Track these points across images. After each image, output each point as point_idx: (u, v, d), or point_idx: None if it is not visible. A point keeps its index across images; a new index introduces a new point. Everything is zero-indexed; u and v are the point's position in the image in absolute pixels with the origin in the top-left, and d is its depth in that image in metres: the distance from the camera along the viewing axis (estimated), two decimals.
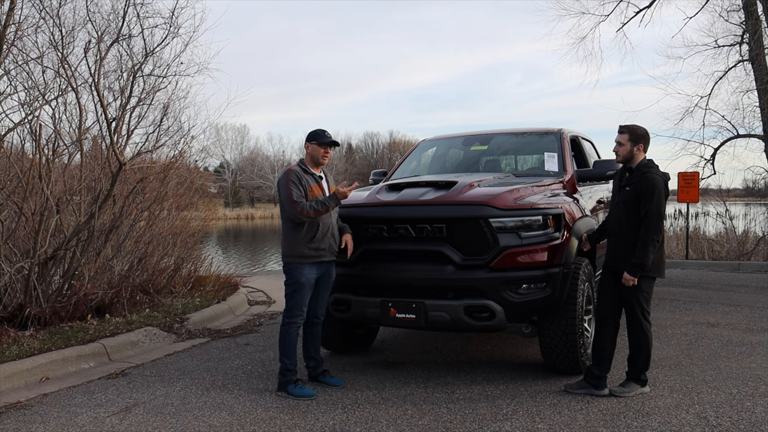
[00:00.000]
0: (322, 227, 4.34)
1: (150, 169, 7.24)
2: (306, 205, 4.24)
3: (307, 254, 4.33)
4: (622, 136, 4.20)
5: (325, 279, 4.48)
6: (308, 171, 4.45)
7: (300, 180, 4.34)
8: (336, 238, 4.46)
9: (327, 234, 4.36)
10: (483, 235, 4.25)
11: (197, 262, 8.95)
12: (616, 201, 4.28)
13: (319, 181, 4.46)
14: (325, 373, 4.61)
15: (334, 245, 4.44)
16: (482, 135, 6.61)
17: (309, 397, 4.28)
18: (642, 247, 4.00)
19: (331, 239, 4.40)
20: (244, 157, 76.36)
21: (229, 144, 74.65)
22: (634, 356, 4.19)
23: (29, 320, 5.75)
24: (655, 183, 4.02)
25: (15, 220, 6.11)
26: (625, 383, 4.20)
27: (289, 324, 4.41)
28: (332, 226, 4.42)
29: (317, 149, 4.44)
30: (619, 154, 4.23)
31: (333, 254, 4.44)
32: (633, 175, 4.17)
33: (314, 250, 4.34)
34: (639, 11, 13.47)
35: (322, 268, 4.42)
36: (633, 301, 4.12)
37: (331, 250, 4.41)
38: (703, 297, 8.04)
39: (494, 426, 3.68)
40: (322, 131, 4.50)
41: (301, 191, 4.29)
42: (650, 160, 4.20)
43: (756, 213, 16.01)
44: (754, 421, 3.65)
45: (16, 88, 6.11)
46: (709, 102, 13.00)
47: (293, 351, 4.42)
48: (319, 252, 4.35)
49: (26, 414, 4.07)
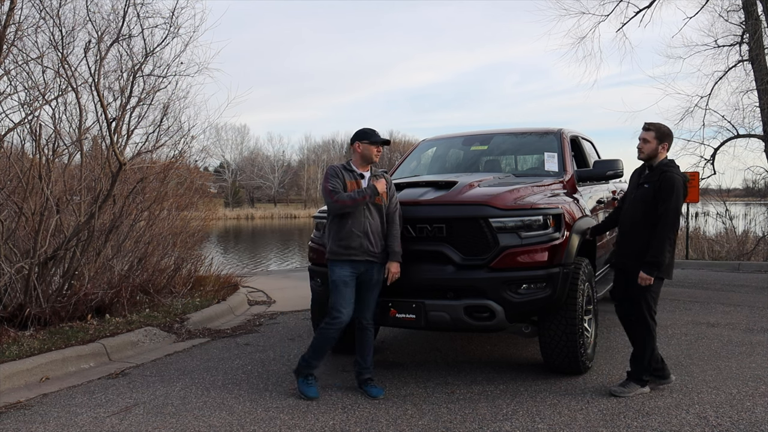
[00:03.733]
0: (352, 224, 4.23)
1: (150, 169, 7.23)
2: (344, 195, 4.20)
3: (336, 251, 4.27)
4: (648, 134, 4.15)
5: (366, 280, 4.31)
6: (349, 168, 4.41)
7: (337, 174, 4.33)
8: (373, 240, 4.26)
9: (358, 232, 4.23)
10: (483, 235, 4.25)
11: (197, 262, 8.94)
12: (632, 198, 4.25)
13: (358, 179, 4.36)
14: (367, 382, 4.39)
15: (369, 246, 4.24)
16: (482, 135, 6.61)
17: (308, 397, 4.26)
18: (658, 246, 3.97)
19: (363, 239, 4.23)
20: (244, 157, 76.44)
21: (229, 144, 74.76)
22: (638, 356, 4.18)
23: (29, 320, 5.75)
24: (675, 182, 3.98)
25: (15, 220, 6.11)
26: (626, 383, 4.20)
27: (330, 323, 4.26)
28: (367, 226, 4.25)
29: (370, 148, 4.38)
30: (643, 151, 4.18)
31: (368, 254, 4.25)
32: (653, 172, 4.13)
33: (343, 248, 4.24)
34: (639, 11, 13.49)
35: (357, 268, 4.26)
36: (641, 300, 4.12)
37: (363, 250, 4.23)
38: (703, 297, 8.04)
39: (494, 426, 3.68)
40: (371, 130, 4.45)
41: (337, 183, 4.27)
42: (671, 160, 4.17)
43: (756, 213, 16.02)
44: (754, 421, 3.65)
45: (16, 88, 6.11)
46: (709, 102, 13.02)
47: (319, 350, 4.33)
48: (349, 251, 4.23)
49: (26, 414, 4.07)
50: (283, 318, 7.18)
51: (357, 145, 4.42)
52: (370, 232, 4.27)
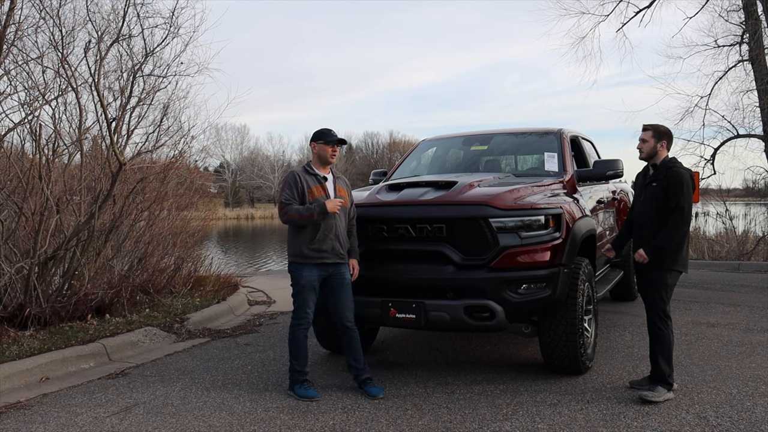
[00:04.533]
0: (324, 228, 4.27)
1: (150, 169, 7.24)
2: (293, 209, 4.24)
3: (307, 255, 4.28)
4: (646, 134, 4.27)
5: (336, 281, 4.36)
6: (311, 172, 4.42)
7: (297, 182, 4.32)
8: (342, 241, 4.36)
9: (329, 235, 4.29)
10: (483, 235, 4.24)
11: (197, 262, 8.94)
12: (642, 198, 4.32)
13: (322, 182, 4.40)
14: (367, 381, 4.40)
15: (339, 247, 4.33)
16: (482, 135, 6.61)
17: (310, 398, 4.26)
18: (668, 234, 4.04)
19: (334, 241, 4.30)
20: (244, 157, 76.37)
21: (229, 144, 74.69)
22: (655, 352, 4.15)
23: (29, 320, 5.75)
24: (683, 177, 4.08)
25: (15, 220, 6.11)
26: (653, 386, 4.10)
27: (296, 326, 4.38)
28: (337, 228, 4.32)
29: (325, 148, 4.42)
30: (642, 151, 4.29)
31: (338, 256, 4.33)
32: (658, 171, 4.21)
33: (315, 251, 4.27)
34: (639, 11, 13.48)
35: (326, 270, 4.32)
36: (655, 294, 4.14)
37: (334, 252, 4.31)
38: (703, 297, 8.04)
39: (494, 426, 3.67)
40: (327, 130, 4.48)
41: (293, 193, 4.29)
42: (674, 158, 4.26)
43: (756, 213, 16.01)
44: (754, 421, 3.65)
45: (16, 88, 6.12)
46: (709, 102, 13.02)
47: (300, 352, 4.39)
48: (321, 254, 4.27)
49: (26, 414, 4.07)
50: (283, 318, 7.18)
51: (313, 145, 4.49)
52: (340, 235, 4.36)
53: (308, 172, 4.41)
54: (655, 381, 4.13)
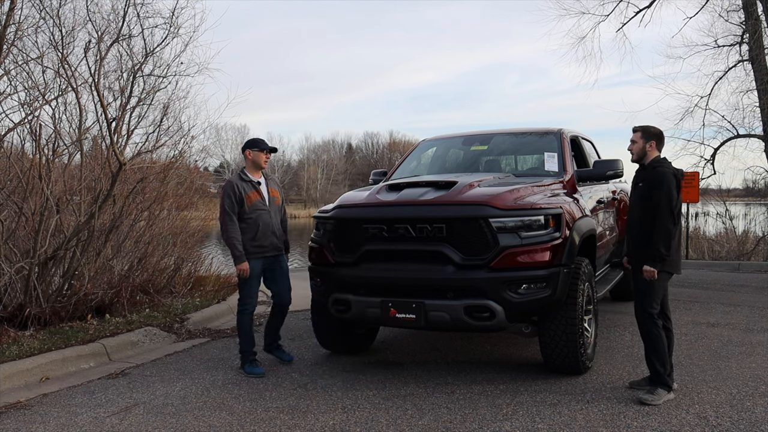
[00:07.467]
0: (262, 227, 4.92)
1: (150, 169, 7.23)
2: (230, 231, 4.80)
3: (251, 250, 4.89)
4: (635, 135, 4.32)
5: (276, 269, 5.09)
6: (246, 179, 4.96)
7: (235, 191, 4.84)
8: (278, 236, 5.05)
9: (267, 233, 4.94)
10: (483, 235, 4.24)
11: (197, 262, 8.95)
12: (632, 200, 4.35)
13: (257, 187, 4.98)
14: (279, 348, 5.27)
15: (276, 242, 5.03)
16: (482, 135, 6.61)
17: (257, 375, 4.79)
18: (657, 237, 4.04)
19: (272, 237, 4.98)
20: None
21: (229, 144, 74.50)
22: (648, 352, 4.15)
23: (29, 320, 5.75)
24: (665, 175, 4.09)
25: (15, 220, 6.11)
26: (652, 389, 4.09)
27: (242, 312, 5.01)
28: (273, 226, 4.99)
29: (259, 155, 4.99)
30: (633, 152, 4.33)
31: (275, 249, 5.05)
32: (645, 171, 4.25)
33: (257, 247, 4.91)
34: (639, 11, 13.49)
35: (267, 262, 5.02)
36: (643, 296, 4.14)
37: (272, 247, 5.01)
38: (703, 297, 8.04)
39: (494, 426, 3.68)
40: (261, 139, 5.09)
41: (232, 201, 4.82)
42: (663, 158, 4.28)
43: (756, 213, 16.03)
44: (754, 421, 3.65)
45: (16, 88, 6.12)
46: (709, 102, 13.03)
47: (247, 334, 4.99)
48: (262, 249, 4.95)
49: (26, 414, 4.07)
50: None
51: (248, 152, 5.01)
52: (276, 231, 5.04)
53: (243, 179, 4.95)
54: (654, 383, 4.12)
